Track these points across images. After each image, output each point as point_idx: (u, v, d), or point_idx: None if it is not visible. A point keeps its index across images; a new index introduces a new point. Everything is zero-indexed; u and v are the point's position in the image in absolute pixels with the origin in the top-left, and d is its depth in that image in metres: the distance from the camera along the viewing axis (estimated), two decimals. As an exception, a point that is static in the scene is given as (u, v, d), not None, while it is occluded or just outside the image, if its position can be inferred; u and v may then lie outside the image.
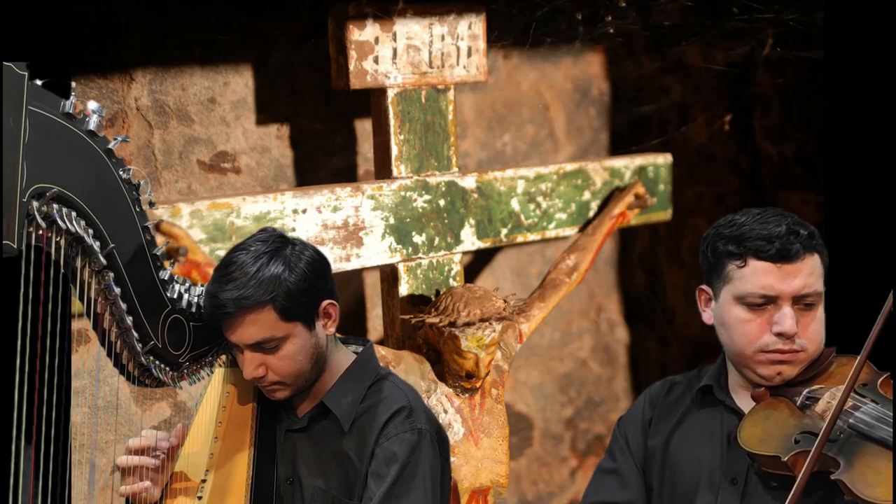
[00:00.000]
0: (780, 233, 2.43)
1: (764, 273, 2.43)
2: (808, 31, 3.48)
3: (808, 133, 4.01)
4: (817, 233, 2.50)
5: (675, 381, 2.71)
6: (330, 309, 2.48)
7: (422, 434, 2.47)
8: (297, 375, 2.45)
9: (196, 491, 2.46)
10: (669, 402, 2.66)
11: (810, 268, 2.44)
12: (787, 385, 2.47)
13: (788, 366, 2.46)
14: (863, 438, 2.31)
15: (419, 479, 2.43)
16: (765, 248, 2.43)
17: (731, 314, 2.49)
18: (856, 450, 2.30)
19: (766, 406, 2.46)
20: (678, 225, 4.12)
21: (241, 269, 2.36)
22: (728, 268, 2.48)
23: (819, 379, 2.47)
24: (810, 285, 2.44)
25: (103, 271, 2.20)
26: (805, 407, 2.40)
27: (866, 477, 2.25)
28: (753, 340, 2.45)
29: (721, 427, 2.54)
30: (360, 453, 2.46)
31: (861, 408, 2.35)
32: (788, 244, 2.42)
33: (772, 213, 2.50)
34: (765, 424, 2.41)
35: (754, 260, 2.44)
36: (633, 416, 2.71)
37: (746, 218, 2.50)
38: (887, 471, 2.25)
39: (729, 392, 2.58)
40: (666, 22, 3.69)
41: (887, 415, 2.33)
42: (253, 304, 2.35)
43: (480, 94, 3.90)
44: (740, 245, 2.46)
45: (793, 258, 2.42)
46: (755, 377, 2.49)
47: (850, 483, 2.25)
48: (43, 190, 2.04)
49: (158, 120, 3.17)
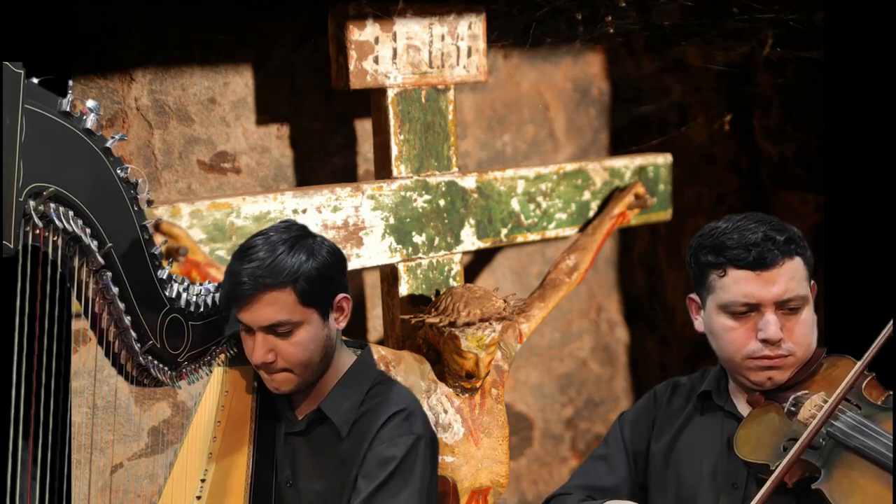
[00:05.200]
0: (756, 240, 2.43)
1: (744, 281, 2.44)
2: (808, 31, 3.48)
3: (808, 133, 4.02)
4: (798, 235, 2.49)
5: (680, 383, 2.72)
6: (344, 303, 2.50)
7: (418, 439, 2.47)
8: (305, 365, 2.45)
9: (195, 490, 2.46)
10: (673, 408, 2.67)
11: (790, 272, 2.44)
12: (780, 389, 2.47)
13: (778, 371, 2.46)
14: (840, 446, 2.31)
15: (410, 482, 2.43)
16: (742, 256, 2.43)
17: (717, 323, 2.50)
18: (836, 459, 2.31)
19: (760, 412, 2.46)
20: (678, 225, 4.11)
21: (264, 249, 2.38)
22: (710, 277, 2.50)
23: (809, 382, 2.47)
24: (792, 290, 2.44)
25: (101, 271, 2.19)
26: (791, 414, 2.41)
27: (842, 486, 2.26)
28: (741, 348, 2.46)
29: (721, 432, 2.55)
30: (355, 456, 2.46)
31: (840, 417, 2.35)
32: (765, 251, 2.42)
33: (751, 220, 2.50)
34: (758, 431, 2.41)
35: (733, 269, 2.45)
36: (636, 413, 2.73)
37: (727, 225, 2.50)
38: (864, 481, 2.25)
39: (729, 396, 2.58)
40: (666, 22, 3.68)
41: (865, 424, 2.33)
42: (273, 283, 2.35)
43: (480, 94, 3.90)
44: (719, 255, 2.47)
45: (770, 265, 2.43)
46: (747, 383, 2.50)
47: (828, 492, 2.26)
48: (40, 189, 2.03)
49: (158, 120, 3.17)
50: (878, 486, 2.24)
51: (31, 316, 2.01)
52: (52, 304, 2.05)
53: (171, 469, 2.51)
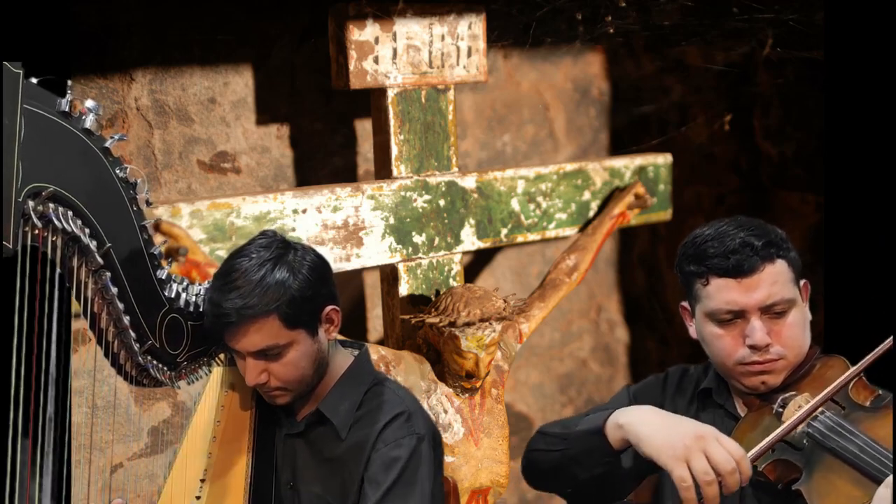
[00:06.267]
0: (734, 247, 2.43)
1: (726, 289, 2.44)
2: (808, 31, 3.48)
3: (808, 133, 4.01)
4: (781, 237, 2.48)
5: (689, 372, 2.72)
6: (332, 314, 2.48)
7: (420, 439, 2.47)
8: (299, 381, 2.45)
9: (194, 491, 2.46)
10: (682, 396, 2.66)
11: (773, 276, 2.43)
12: (774, 392, 2.47)
13: (770, 375, 2.46)
14: (820, 449, 2.32)
15: (417, 484, 2.44)
16: (722, 264, 2.43)
17: (705, 331, 2.51)
18: (816, 460, 2.31)
19: (755, 415, 2.47)
20: (678, 225, 4.11)
21: (244, 277, 2.34)
22: (695, 286, 2.50)
23: (803, 382, 2.47)
24: (775, 294, 2.43)
25: (100, 271, 2.18)
26: (779, 415, 2.41)
27: (820, 487, 2.26)
28: (731, 354, 2.47)
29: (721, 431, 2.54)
30: (356, 458, 2.46)
31: (819, 417, 2.35)
32: (743, 259, 2.42)
33: (732, 225, 2.49)
34: (751, 434, 2.42)
35: (715, 277, 2.45)
36: (643, 388, 2.74)
37: (710, 232, 2.50)
38: (840, 482, 2.25)
39: (729, 395, 2.59)
40: (666, 22, 3.68)
41: (842, 425, 2.33)
42: (257, 312, 2.34)
43: (480, 94, 3.90)
44: (700, 264, 2.47)
45: (749, 271, 2.42)
46: (742, 388, 2.51)
47: (807, 493, 2.27)
48: (39, 189, 2.03)
49: (158, 120, 3.17)
50: (850, 487, 2.24)
51: (31, 316, 2.01)
52: (52, 304, 2.05)
53: (171, 469, 2.51)
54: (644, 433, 2.35)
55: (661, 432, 2.32)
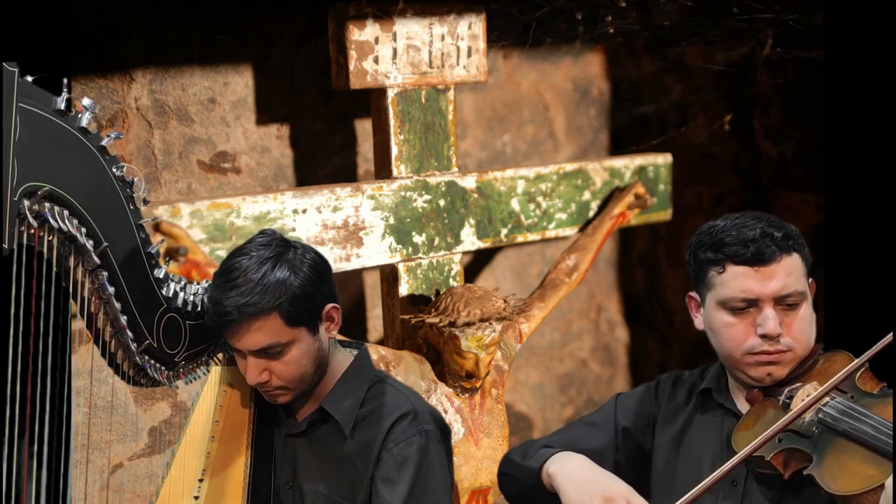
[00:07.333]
0: (754, 236, 2.45)
1: (742, 277, 2.45)
2: (808, 31, 3.48)
3: (808, 133, 4.01)
4: (796, 232, 2.51)
5: (682, 377, 2.72)
6: (333, 313, 2.48)
7: (429, 435, 2.47)
8: (300, 380, 2.45)
9: (193, 490, 2.46)
10: (676, 402, 2.67)
11: (788, 268, 2.45)
12: (778, 385, 2.49)
13: (777, 366, 2.48)
14: (830, 432, 2.33)
15: (433, 479, 2.45)
16: (741, 252, 2.45)
17: (716, 319, 2.51)
18: (827, 444, 2.32)
19: (758, 408, 2.48)
20: (678, 225, 4.11)
21: (245, 276, 2.34)
22: (709, 274, 2.51)
23: (807, 377, 2.48)
24: (790, 285, 2.45)
25: (97, 270, 2.18)
26: (786, 406, 2.42)
27: (832, 470, 2.28)
28: (740, 344, 2.47)
29: (721, 430, 2.55)
30: (363, 456, 2.45)
31: (830, 403, 2.37)
32: (763, 247, 2.44)
33: (749, 217, 2.52)
34: (756, 428, 2.42)
35: (732, 265, 2.46)
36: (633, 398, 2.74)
37: (725, 223, 2.52)
38: (853, 463, 2.27)
39: (729, 394, 2.59)
40: (666, 22, 3.69)
41: (854, 408, 2.35)
42: (258, 310, 2.33)
43: (480, 94, 3.90)
44: (718, 251, 2.48)
45: (768, 260, 2.44)
46: (747, 379, 2.51)
47: (819, 477, 2.28)
48: (34, 188, 2.02)
49: (158, 120, 3.17)
50: (865, 466, 2.26)
51: (27, 316, 2.01)
52: (49, 304, 2.05)
53: (169, 469, 2.51)
54: (563, 486, 2.46)
55: (576, 487, 2.44)
